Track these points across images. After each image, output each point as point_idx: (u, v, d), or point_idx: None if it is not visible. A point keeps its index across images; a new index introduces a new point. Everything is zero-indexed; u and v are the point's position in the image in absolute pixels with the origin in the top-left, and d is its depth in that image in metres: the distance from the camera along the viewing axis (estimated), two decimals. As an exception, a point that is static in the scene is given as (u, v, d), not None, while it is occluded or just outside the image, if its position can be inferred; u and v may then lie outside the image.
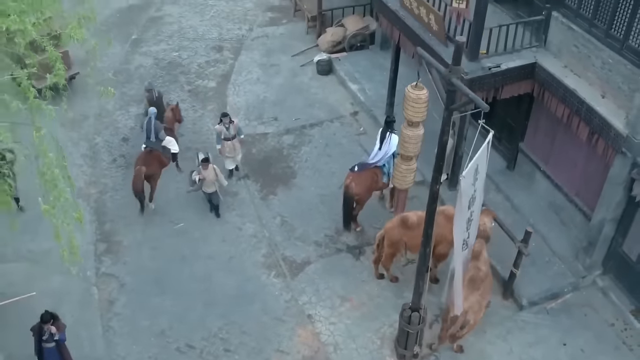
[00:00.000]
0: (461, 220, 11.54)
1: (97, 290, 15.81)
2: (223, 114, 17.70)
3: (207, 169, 16.62)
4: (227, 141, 17.77)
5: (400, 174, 13.24)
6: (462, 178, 10.51)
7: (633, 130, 13.77)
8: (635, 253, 15.23)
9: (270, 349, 14.65)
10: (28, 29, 10.46)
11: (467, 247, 12.36)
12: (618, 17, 14.21)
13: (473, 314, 13.84)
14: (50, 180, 10.83)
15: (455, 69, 10.87)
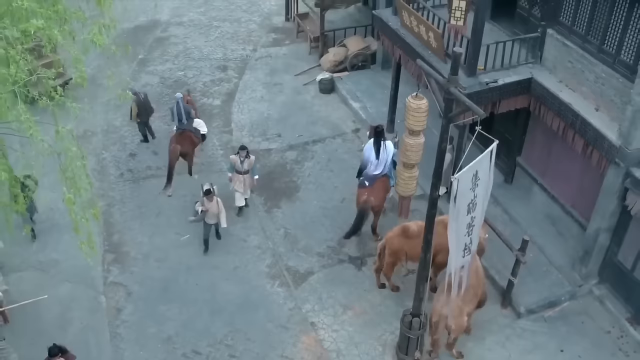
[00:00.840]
0: (459, 224, 11.92)
1: (105, 298, 16.19)
2: (241, 146, 17.53)
3: (212, 201, 16.51)
4: (239, 174, 17.60)
5: (403, 182, 13.71)
6: (453, 179, 10.93)
7: (625, 141, 14.25)
8: (630, 262, 15.62)
9: (274, 355, 14.99)
10: (54, 34, 11.04)
11: (469, 252, 12.73)
12: (610, 32, 14.78)
13: (453, 319, 14.20)
14: (70, 177, 11.32)
15: (452, 79, 11.38)
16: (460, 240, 12.15)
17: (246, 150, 17.36)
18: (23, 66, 11.02)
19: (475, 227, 12.39)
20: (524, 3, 17.26)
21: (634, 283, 15.63)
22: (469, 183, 11.32)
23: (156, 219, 18.23)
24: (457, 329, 14.39)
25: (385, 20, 18.99)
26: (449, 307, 14.10)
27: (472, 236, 12.41)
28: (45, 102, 11.71)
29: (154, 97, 22.58)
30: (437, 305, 14.26)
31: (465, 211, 11.66)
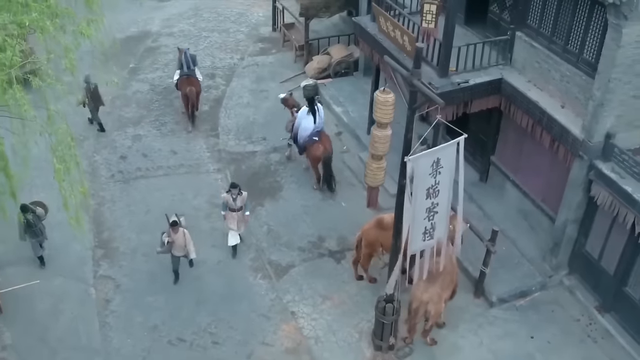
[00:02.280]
0: (417, 207, 12.59)
1: (94, 290, 16.88)
2: (232, 184, 17.42)
3: (177, 233, 16.24)
4: (232, 212, 17.32)
5: (372, 173, 14.44)
6: (407, 160, 11.69)
7: (588, 135, 15.05)
8: (597, 252, 16.36)
9: (255, 342, 15.69)
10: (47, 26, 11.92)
11: (430, 237, 13.41)
12: (573, 33, 15.61)
13: (433, 305, 14.92)
14: (60, 156, 12.09)
15: (415, 72, 12.24)
16: (419, 224, 12.85)
17: (238, 187, 17.17)
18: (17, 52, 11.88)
19: (438, 214, 13.07)
20: (494, 8, 18.11)
21: (601, 272, 16.34)
22: (428, 168, 12.04)
23: (145, 216, 18.96)
24: (435, 315, 15.09)
25: (364, 26, 19.85)
26: (429, 293, 14.84)
27: (435, 222, 13.07)
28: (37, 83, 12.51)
29: (144, 104, 23.58)
30: (417, 291, 14.94)
31: (424, 195, 12.38)
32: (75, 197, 12.84)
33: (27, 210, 16.19)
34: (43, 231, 16.98)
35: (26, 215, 16.14)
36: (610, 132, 14.93)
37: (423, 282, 14.81)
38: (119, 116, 22.88)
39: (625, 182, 14.63)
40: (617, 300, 16.07)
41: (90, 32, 12.88)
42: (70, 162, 12.69)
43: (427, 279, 14.81)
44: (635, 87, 14.61)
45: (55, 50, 12.78)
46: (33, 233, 16.74)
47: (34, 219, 16.51)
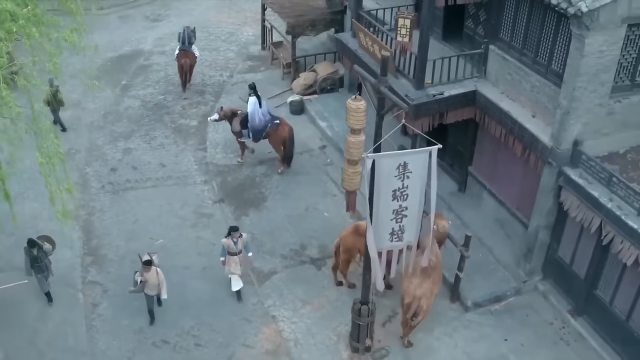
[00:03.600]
0: (382, 207, 13.12)
1: (82, 295, 17.42)
2: (232, 227, 16.88)
3: (149, 272, 15.96)
4: (233, 256, 16.87)
5: (348, 177, 14.98)
6: (365, 156, 12.36)
7: (556, 142, 15.68)
8: (569, 257, 16.90)
9: (236, 344, 16.21)
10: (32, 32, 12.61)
11: (399, 239, 13.94)
12: (542, 45, 16.30)
13: (426, 300, 15.49)
14: (46, 153, 12.70)
15: (382, 79, 12.92)
16: (385, 224, 13.39)
17: (238, 230, 16.73)
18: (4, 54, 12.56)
19: (407, 218, 13.56)
20: (469, 23, 18.83)
21: (573, 277, 16.87)
22: (393, 170, 12.61)
23: (133, 225, 19.55)
24: (427, 310, 15.66)
25: (346, 42, 20.60)
26: (422, 289, 15.39)
27: (403, 225, 13.57)
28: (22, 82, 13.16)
29: (135, 119, 24.35)
30: (410, 287, 15.50)
31: (390, 197, 12.94)
32: (61, 193, 13.37)
33: (34, 245, 16.25)
34: (49, 266, 16.77)
35: (33, 250, 16.20)
36: (578, 140, 15.57)
37: (416, 278, 15.45)
38: (111, 131, 23.58)
39: (592, 188, 15.25)
40: (589, 303, 16.58)
41: (74, 39, 13.53)
42: (55, 159, 13.27)
43: (420, 275, 15.45)
44: (601, 96, 15.30)
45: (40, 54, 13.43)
46: (39, 268, 16.52)
47: (40, 254, 16.37)
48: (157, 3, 33.66)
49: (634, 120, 16.11)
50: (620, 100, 15.70)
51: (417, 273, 15.57)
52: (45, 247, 16.50)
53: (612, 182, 15.03)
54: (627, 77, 15.67)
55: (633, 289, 15.22)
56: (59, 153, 13.71)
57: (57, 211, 13.81)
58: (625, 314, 15.56)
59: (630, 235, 14.38)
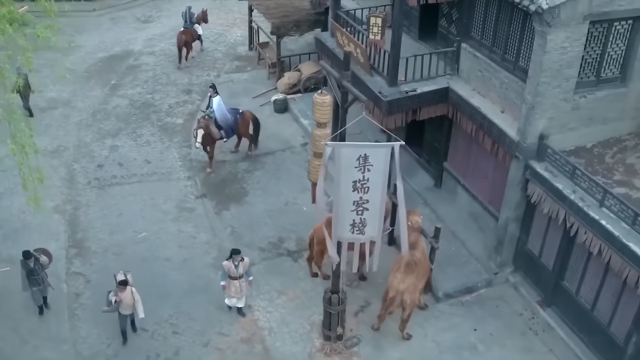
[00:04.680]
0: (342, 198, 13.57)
1: (66, 285, 17.92)
2: (234, 250, 16.52)
3: (124, 292, 15.74)
4: (234, 280, 16.55)
5: (314, 169, 15.50)
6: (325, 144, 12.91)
7: (523, 137, 16.16)
8: (538, 249, 17.36)
9: (212, 332, 16.71)
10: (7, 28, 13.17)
11: (360, 232, 14.33)
12: (510, 43, 16.80)
13: (409, 295, 15.94)
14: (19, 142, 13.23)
15: (344, 74, 13.50)
16: (346, 214, 13.86)
17: (240, 254, 16.41)
18: None
19: (369, 211, 13.96)
20: (443, 22, 19.34)
21: (541, 269, 17.33)
22: (354, 161, 13.05)
23: (117, 219, 20.10)
24: (411, 304, 16.11)
25: (324, 41, 21.15)
26: (405, 284, 15.86)
27: (365, 218, 14.00)
28: None
29: (122, 117, 24.98)
30: (395, 281, 15.95)
31: (350, 188, 13.40)
32: (34, 181, 13.84)
33: (29, 257, 16.13)
34: (45, 279, 16.69)
35: (29, 262, 16.13)
36: (544, 134, 16.04)
37: (400, 273, 15.89)
38: (99, 128, 24.18)
39: (557, 180, 15.72)
40: (557, 294, 17.02)
41: (46, 35, 14.05)
42: (28, 149, 13.77)
43: (405, 270, 15.90)
44: (565, 91, 15.78)
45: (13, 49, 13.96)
46: (34, 281, 16.41)
47: (36, 267, 16.30)
48: (149, 5, 34.40)
49: (600, 115, 16.60)
50: (585, 96, 16.18)
51: (401, 268, 16.03)
52: (42, 259, 16.51)
53: (575, 175, 15.49)
54: (592, 73, 16.16)
55: (597, 279, 15.66)
56: (32, 143, 14.17)
57: (29, 198, 14.28)
58: (590, 303, 15.99)
59: (592, 225, 14.83)
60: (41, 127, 23.98)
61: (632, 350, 14.87)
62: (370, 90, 18.42)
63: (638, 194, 15.46)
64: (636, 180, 15.90)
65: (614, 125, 17.01)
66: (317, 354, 16.22)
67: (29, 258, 16.11)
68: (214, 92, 22.09)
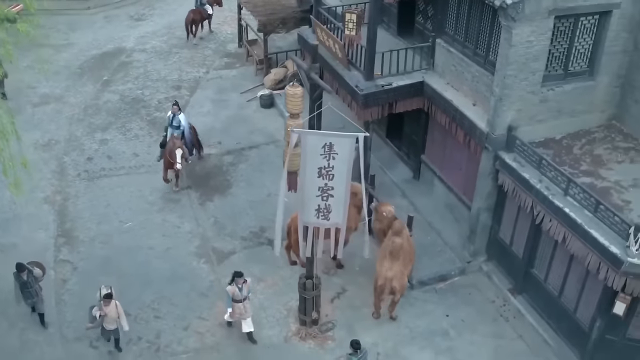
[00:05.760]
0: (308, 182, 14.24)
1: (54, 272, 18.51)
2: (236, 273, 16.04)
3: (109, 306, 15.60)
4: (238, 303, 16.11)
5: (289, 159, 16.13)
6: (291, 130, 13.63)
7: (492, 128, 16.73)
8: (509, 238, 17.92)
9: (192, 316, 17.32)
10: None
11: (325, 218, 14.91)
12: (480, 38, 17.40)
13: (397, 281, 16.51)
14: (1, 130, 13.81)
15: (312, 67, 14.13)
16: (311, 199, 14.49)
17: (242, 276, 15.95)
18: None
19: (334, 198, 14.55)
20: (420, 19, 19.95)
21: (513, 257, 17.88)
22: (319, 149, 13.66)
23: (104, 209, 20.74)
24: (400, 289, 16.69)
25: (306, 38, 21.76)
26: (393, 271, 16.43)
27: (329, 204, 14.60)
28: None
29: (113, 112, 25.69)
30: (382, 269, 16.52)
31: (316, 174, 14.01)
32: (14, 167, 14.36)
33: (23, 270, 16.11)
34: (39, 292, 16.63)
35: (22, 275, 16.08)
36: (512, 125, 16.59)
37: (386, 262, 16.47)
38: (90, 123, 24.84)
39: (524, 170, 16.27)
40: (527, 281, 17.59)
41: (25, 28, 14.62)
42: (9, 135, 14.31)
43: (390, 258, 16.48)
44: (532, 84, 16.35)
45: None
46: (28, 294, 16.37)
47: (30, 279, 16.25)
48: (142, 3, 35.02)
49: (568, 108, 17.16)
50: (553, 89, 16.74)
51: (387, 256, 16.57)
52: (35, 272, 16.54)
53: (542, 165, 16.03)
54: (559, 67, 16.73)
55: (563, 266, 16.20)
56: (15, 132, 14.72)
57: (9, 184, 14.84)
58: (558, 290, 16.54)
59: (556, 213, 15.37)
60: (33, 121, 24.73)
61: (596, 335, 15.44)
62: (347, 84, 19.09)
63: (603, 184, 16.01)
64: (602, 171, 16.45)
65: (583, 117, 17.56)
66: (292, 337, 16.80)
67: (22, 271, 16.12)
68: (178, 110, 21.59)
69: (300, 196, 14.62)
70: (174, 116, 21.45)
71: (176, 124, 21.35)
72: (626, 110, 17.64)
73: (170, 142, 20.74)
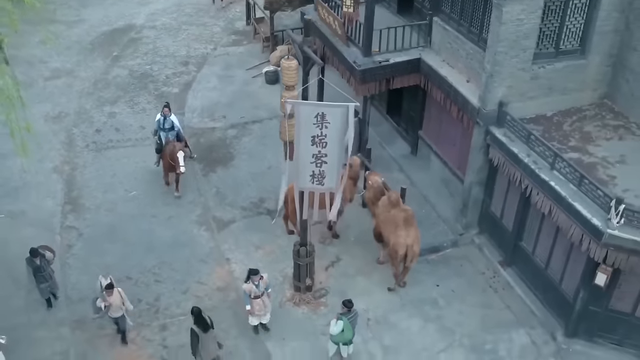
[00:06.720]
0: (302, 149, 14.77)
1: (60, 238, 19.29)
2: (251, 270, 15.91)
3: (112, 295, 15.72)
4: (257, 299, 16.10)
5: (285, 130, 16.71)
6: (284, 100, 14.13)
7: (483, 104, 17.19)
8: (500, 211, 18.43)
9: (191, 281, 18.02)
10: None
11: (320, 183, 15.46)
12: (475, 16, 17.80)
13: (417, 245, 17.13)
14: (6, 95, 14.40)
15: (305, 40, 14.65)
16: (306, 166, 15.05)
17: (258, 273, 15.81)
18: None
19: (327, 164, 15.09)
20: (418, -3, 20.43)
21: (503, 230, 18.37)
22: (312, 118, 14.21)
23: (111, 179, 21.48)
24: (418, 253, 17.29)
25: (307, 14, 22.19)
26: (411, 237, 16.99)
27: (323, 170, 15.15)
28: None
29: (122, 86, 26.41)
30: (400, 239, 16.93)
31: (310, 142, 14.57)
32: (20, 131, 14.98)
33: (36, 255, 16.32)
34: (52, 275, 16.96)
35: (35, 260, 16.33)
36: (503, 101, 17.02)
37: (402, 230, 16.94)
38: (99, 96, 25.59)
39: (513, 145, 16.71)
40: (516, 254, 18.09)
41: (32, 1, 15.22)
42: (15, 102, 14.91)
43: (405, 226, 16.99)
44: (523, 61, 16.71)
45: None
46: (42, 278, 16.60)
47: (43, 264, 16.51)
48: (153, -19, 35.68)
49: (560, 85, 17.53)
50: (544, 66, 17.10)
51: (400, 225, 17.01)
52: (47, 255, 16.83)
53: (530, 140, 16.49)
54: (551, 45, 17.08)
55: (550, 239, 16.69)
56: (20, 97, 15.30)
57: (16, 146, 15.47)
58: (545, 262, 17.05)
59: (542, 187, 15.86)
60: (45, 94, 25.51)
61: (580, 306, 15.94)
62: (346, 60, 19.62)
63: (590, 159, 16.41)
64: (590, 147, 16.85)
65: (574, 95, 17.92)
66: (287, 303, 17.43)
67: (36, 256, 16.33)
68: (169, 112, 20.85)
69: (295, 163, 15.19)
70: (165, 119, 20.73)
71: (168, 126, 20.71)
72: (617, 89, 18.01)
73: (170, 145, 20.16)
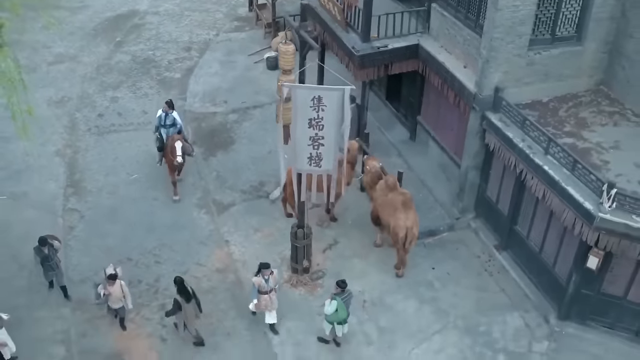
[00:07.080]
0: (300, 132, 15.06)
1: (62, 220, 19.60)
2: (262, 264, 15.77)
3: (114, 286, 15.75)
4: (264, 294, 15.93)
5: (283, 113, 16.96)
6: (280, 84, 14.39)
7: (479, 89, 17.41)
8: (495, 196, 18.67)
9: (191, 262, 18.33)
10: None
11: (317, 165, 15.76)
12: (472, 2, 17.98)
13: (416, 227, 17.39)
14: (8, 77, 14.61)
15: (302, 25, 14.90)
16: (303, 148, 15.32)
17: (269, 267, 15.70)
18: None
19: (324, 147, 15.35)
20: (418, -17, 20.59)
21: (498, 214, 18.63)
22: (309, 101, 14.49)
23: (112, 162, 21.76)
24: (416, 236, 17.55)
25: (308, 1, 22.41)
26: (410, 220, 17.24)
27: (320, 152, 15.42)
28: None
29: (124, 71, 26.65)
30: (400, 221, 17.19)
31: (307, 124, 14.85)
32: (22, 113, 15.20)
33: (45, 244, 16.36)
34: (59, 264, 16.98)
35: (44, 249, 16.38)
36: (499, 87, 17.22)
37: (401, 213, 17.19)
38: (102, 81, 25.83)
39: (508, 130, 16.94)
40: (511, 238, 18.35)
41: None
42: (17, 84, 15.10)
43: (404, 209, 17.24)
44: (519, 47, 16.94)
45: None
46: (49, 267, 16.68)
47: (51, 252, 16.54)
48: (158, -33, 35.85)
49: (556, 71, 17.74)
50: (540, 52, 17.31)
51: (399, 208, 17.27)
52: (56, 244, 16.84)
53: (525, 125, 16.71)
54: (547, 31, 17.28)
55: (544, 223, 16.95)
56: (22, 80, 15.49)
57: (17, 128, 15.69)
58: (539, 246, 17.32)
59: (536, 171, 16.08)
60: (48, 79, 25.78)
61: (573, 289, 16.20)
62: (345, 46, 19.84)
63: (585, 145, 16.65)
64: (585, 132, 17.08)
65: (570, 81, 18.13)
66: (284, 284, 17.69)
67: (45, 245, 16.38)
68: (169, 108, 20.38)
69: (292, 146, 15.44)
70: (166, 115, 20.35)
71: (170, 122, 20.39)
72: (613, 76, 18.20)
73: (170, 139, 19.71)
